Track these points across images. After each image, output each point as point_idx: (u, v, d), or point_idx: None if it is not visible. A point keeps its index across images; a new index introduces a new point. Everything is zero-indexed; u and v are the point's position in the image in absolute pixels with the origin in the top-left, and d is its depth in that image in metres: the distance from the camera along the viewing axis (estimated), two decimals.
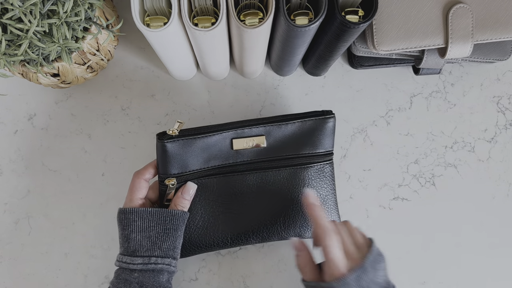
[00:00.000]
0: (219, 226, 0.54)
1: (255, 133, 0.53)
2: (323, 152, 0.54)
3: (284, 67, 0.57)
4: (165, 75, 0.60)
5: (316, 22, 0.42)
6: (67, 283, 0.57)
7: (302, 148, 0.54)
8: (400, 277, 0.59)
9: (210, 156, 0.53)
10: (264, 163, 0.54)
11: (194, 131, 0.52)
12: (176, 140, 0.50)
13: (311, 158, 0.54)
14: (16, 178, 0.58)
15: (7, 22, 0.40)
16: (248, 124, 0.53)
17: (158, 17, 0.44)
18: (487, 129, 0.62)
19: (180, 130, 0.51)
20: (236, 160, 0.53)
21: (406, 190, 0.60)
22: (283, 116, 0.54)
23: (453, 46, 0.51)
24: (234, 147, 0.53)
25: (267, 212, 0.54)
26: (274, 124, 0.53)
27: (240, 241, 0.55)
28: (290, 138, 0.54)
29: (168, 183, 0.51)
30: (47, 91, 0.59)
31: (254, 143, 0.53)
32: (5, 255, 0.57)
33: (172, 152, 0.51)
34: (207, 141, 0.51)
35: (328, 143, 0.54)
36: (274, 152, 0.54)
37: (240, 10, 0.45)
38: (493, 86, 0.62)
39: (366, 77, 0.62)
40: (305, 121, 0.53)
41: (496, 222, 0.60)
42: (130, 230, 0.48)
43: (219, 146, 0.52)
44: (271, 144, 0.53)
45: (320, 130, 0.54)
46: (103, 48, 0.54)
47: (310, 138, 0.54)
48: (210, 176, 0.53)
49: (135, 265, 0.47)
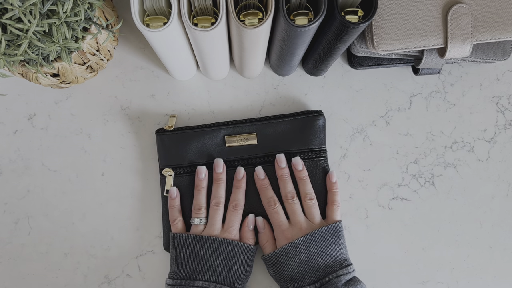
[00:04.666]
0: None
1: (247, 131, 0.56)
2: (314, 149, 0.57)
3: (283, 67, 0.57)
4: (165, 75, 0.60)
5: (315, 22, 0.42)
6: (67, 283, 0.57)
7: (292, 145, 0.56)
8: (400, 277, 0.59)
9: (205, 150, 0.56)
10: (257, 159, 0.57)
11: (188, 128, 0.57)
12: (171, 134, 0.56)
13: (303, 154, 0.56)
14: (16, 178, 0.58)
15: (7, 22, 0.40)
16: (239, 122, 0.57)
17: (158, 17, 0.44)
18: (486, 129, 0.62)
19: (175, 127, 0.57)
20: (230, 157, 0.56)
21: (405, 190, 0.60)
22: (274, 116, 0.58)
23: (453, 46, 0.51)
24: (227, 144, 0.56)
25: (260, 207, 0.56)
26: (265, 122, 0.56)
27: None
28: (281, 135, 0.56)
29: (165, 174, 0.56)
30: (47, 91, 0.59)
31: (245, 140, 0.56)
32: (5, 255, 0.57)
33: (167, 144, 0.56)
34: (201, 135, 0.56)
35: (318, 141, 0.57)
36: (266, 149, 0.57)
37: (240, 10, 0.45)
38: (492, 86, 0.62)
39: (365, 77, 0.62)
40: (295, 119, 0.57)
41: (496, 222, 0.60)
42: (233, 261, 0.51)
43: (212, 142, 0.56)
44: (262, 141, 0.56)
45: (309, 128, 0.56)
46: (103, 48, 0.54)
47: (300, 135, 0.56)
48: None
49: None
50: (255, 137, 0.56)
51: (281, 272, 0.52)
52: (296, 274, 0.51)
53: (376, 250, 0.59)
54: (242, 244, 0.52)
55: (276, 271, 0.52)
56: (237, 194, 0.55)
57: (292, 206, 0.54)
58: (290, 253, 0.51)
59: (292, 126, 0.56)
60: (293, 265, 0.51)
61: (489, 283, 0.60)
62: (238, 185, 0.55)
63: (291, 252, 0.51)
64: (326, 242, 0.52)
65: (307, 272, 0.50)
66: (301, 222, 0.53)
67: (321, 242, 0.52)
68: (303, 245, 0.51)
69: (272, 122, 0.56)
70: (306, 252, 0.51)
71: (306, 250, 0.51)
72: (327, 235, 0.52)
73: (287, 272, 0.51)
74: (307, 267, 0.51)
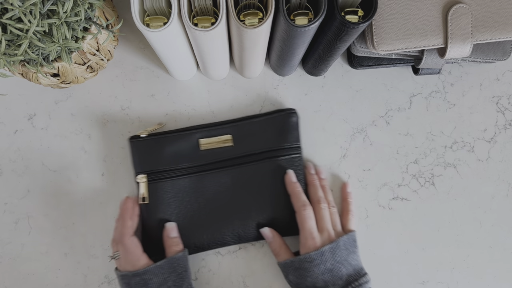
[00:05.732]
0: (194, 227, 0.55)
1: (221, 133, 0.56)
2: (289, 146, 0.57)
3: (283, 67, 0.57)
4: (165, 75, 0.60)
5: (315, 22, 0.42)
6: (67, 283, 0.57)
7: (268, 143, 0.57)
8: (400, 277, 0.59)
9: (179, 155, 0.56)
10: (233, 160, 0.56)
11: (163, 133, 0.56)
12: (144, 140, 0.55)
13: (278, 151, 0.57)
14: (16, 178, 0.58)
15: (7, 22, 0.40)
16: (214, 125, 0.56)
17: (158, 17, 0.44)
18: (486, 129, 0.62)
19: (150, 133, 0.56)
20: (206, 160, 0.56)
21: (405, 190, 0.60)
22: (247, 116, 0.58)
23: (453, 46, 0.51)
24: (202, 147, 0.56)
25: (240, 209, 0.56)
26: (238, 123, 0.56)
27: (216, 241, 0.56)
28: (256, 135, 0.57)
29: (139, 181, 0.55)
30: (47, 91, 0.59)
31: (220, 142, 0.56)
32: (5, 255, 0.57)
33: (141, 150, 0.55)
34: (175, 140, 0.55)
35: (293, 138, 0.57)
36: (242, 149, 0.56)
37: (240, 10, 0.45)
38: (492, 86, 0.62)
39: (365, 77, 0.62)
40: (269, 118, 0.57)
41: (496, 222, 0.61)
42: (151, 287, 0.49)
43: (186, 146, 0.56)
44: (238, 142, 0.56)
45: (284, 126, 0.57)
46: (103, 48, 0.54)
47: (275, 133, 0.57)
48: (182, 176, 0.56)
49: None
50: (230, 139, 0.56)
51: (304, 278, 0.51)
52: (320, 282, 0.50)
53: (376, 250, 0.59)
54: (150, 267, 0.49)
55: (299, 276, 0.51)
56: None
57: (323, 212, 0.53)
58: (315, 260, 0.50)
59: (267, 125, 0.56)
60: (317, 273, 0.50)
61: (489, 283, 0.60)
62: None
63: (317, 260, 0.50)
64: (348, 251, 0.52)
65: (330, 280, 0.50)
66: (329, 229, 0.53)
67: (344, 251, 0.51)
68: (329, 253, 0.50)
69: (246, 123, 0.56)
70: (332, 260, 0.50)
71: (331, 258, 0.50)
72: (348, 244, 0.52)
73: (310, 278, 0.50)
74: (330, 275, 0.50)
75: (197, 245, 0.56)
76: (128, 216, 0.53)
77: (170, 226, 0.54)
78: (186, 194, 0.56)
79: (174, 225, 0.54)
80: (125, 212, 0.53)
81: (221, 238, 0.56)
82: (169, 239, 0.53)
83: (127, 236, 0.51)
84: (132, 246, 0.51)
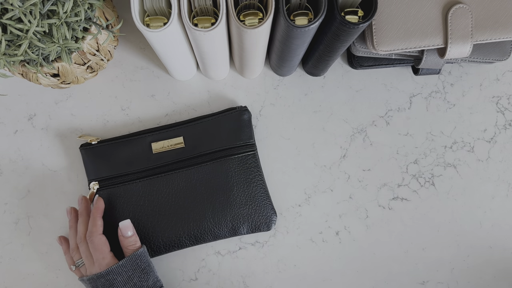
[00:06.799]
0: (149, 231, 0.55)
1: (173, 135, 0.56)
2: (242, 144, 0.57)
3: (283, 67, 0.57)
4: (165, 75, 0.60)
5: (315, 22, 0.42)
6: (67, 283, 0.57)
7: (220, 142, 0.56)
8: (400, 277, 0.59)
9: (131, 160, 0.56)
10: (185, 161, 0.56)
11: (114, 138, 0.56)
12: (95, 147, 0.55)
13: (231, 150, 0.57)
14: (16, 178, 0.58)
15: (7, 22, 0.40)
16: (165, 127, 0.56)
17: (158, 17, 0.44)
18: (486, 129, 0.62)
19: (100, 140, 0.56)
20: (158, 163, 0.56)
21: (405, 190, 0.60)
22: (198, 116, 0.58)
23: (453, 46, 0.51)
24: (154, 150, 0.56)
25: (195, 210, 0.56)
26: (190, 124, 0.56)
27: (173, 244, 0.56)
28: (208, 135, 0.56)
29: (92, 188, 0.55)
30: (47, 91, 0.59)
31: (172, 144, 0.56)
32: (5, 255, 0.57)
33: (92, 157, 0.55)
34: (126, 145, 0.55)
35: (245, 135, 0.57)
36: (194, 150, 0.56)
37: (240, 11, 0.45)
38: (492, 86, 0.62)
39: (365, 77, 0.62)
40: (220, 117, 0.57)
41: (496, 222, 0.61)
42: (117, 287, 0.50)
43: (139, 150, 0.56)
44: (189, 143, 0.56)
45: (235, 124, 0.57)
46: (103, 48, 0.54)
47: (227, 132, 0.56)
48: (135, 180, 0.56)
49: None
50: (182, 140, 0.56)
51: None
52: None
53: (376, 250, 0.59)
54: (112, 267, 0.50)
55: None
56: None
57: None
58: None
59: (218, 124, 0.56)
60: None
61: (489, 283, 0.60)
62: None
63: None
64: None
65: None
66: None
67: None
68: None
69: (198, 123, 0.56)
70: None
71: None
72: None
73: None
74: None
75: (154, 249, 0.55)
76: (99, 215, 0.53)
77: (123, 225, 0.53)
78: (139, 198, 0.56)
79: (128, 222, 0.53)
80: (96, 211, 0.53)
81: (177, 240, 0.55)
82: (125, 239, 0.53)
83: (96, 233, 0.52)
84: (101, 243, 0.51)
